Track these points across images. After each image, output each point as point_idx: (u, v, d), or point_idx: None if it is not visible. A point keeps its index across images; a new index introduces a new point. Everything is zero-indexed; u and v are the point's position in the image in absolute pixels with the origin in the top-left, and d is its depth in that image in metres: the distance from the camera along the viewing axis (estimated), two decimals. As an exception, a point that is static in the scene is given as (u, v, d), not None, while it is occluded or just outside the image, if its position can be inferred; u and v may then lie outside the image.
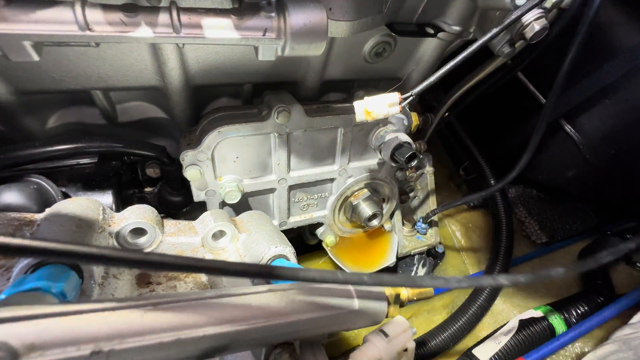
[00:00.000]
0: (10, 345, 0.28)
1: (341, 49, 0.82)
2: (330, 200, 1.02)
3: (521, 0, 0.65)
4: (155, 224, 0.62)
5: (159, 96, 0.81)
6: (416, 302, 1.18)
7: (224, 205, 0.88)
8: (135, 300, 0.36)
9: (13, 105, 0.71)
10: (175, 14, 0.52)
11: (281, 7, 0.57)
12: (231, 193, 0.82)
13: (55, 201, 0.69)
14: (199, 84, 0.79)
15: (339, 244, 1.13)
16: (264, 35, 0.57)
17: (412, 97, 0.65)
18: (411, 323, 0.99)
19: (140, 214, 0.62)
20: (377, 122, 0.91)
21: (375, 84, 0.99)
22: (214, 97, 0.89)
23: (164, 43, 0.66)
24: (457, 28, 0.80)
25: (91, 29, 0.49)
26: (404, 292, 0.59)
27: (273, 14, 0.56)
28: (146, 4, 0.52)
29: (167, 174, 0.83)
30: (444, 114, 1.11)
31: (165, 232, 0.64)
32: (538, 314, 1.04)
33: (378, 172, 1.02)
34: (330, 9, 0.61)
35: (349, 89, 0.98)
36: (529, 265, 1.33)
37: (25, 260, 0.44)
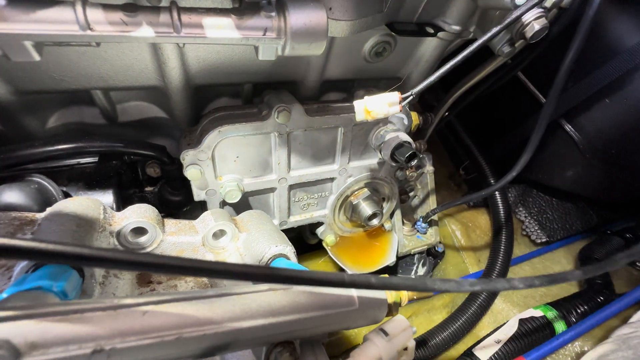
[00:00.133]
0: (12, 343, 0.28)
1: (341, 48, 0.82)
2: (331, 200, 1.02)
3: (521, 0, 0.65)
4: (156, 223, 0.62)
5: (159, 96, 0.81)
6: (416, 302, 1.19)
7: (224, 204, 0.88)
8: (137, 299, 0.36)
9: (13, 105, 0.71)
10: (175, 14, 0.52)
11: (281, 6, 0.57)
12: (231, 192, 0.82)
13: (55, 200, 0.69)
14: (199, 84, 0.79)
15: (339, 244, 1.13)
16: (264, 34, 0.57)
17: (412, 97, 0.65)
18: (411, 322, 1.00)
19: (141, 213, 0.62)
20: (377, 121, 0.91)
21: (375, 84, 0.99)
22: (214, 96, 0.89)
23: (165, 43, 0.66)
24: (457, 27, 0.80)
25: (92, 28, 0.49)
26: (404, 292, 0.59)
27: (273, 14, 0.56)
28: (146, 3, 0.52)
29: (168, 173, 0.83)
30: (444, 114, 1.11)
31: (165, 232, 0.64)
32: (538, 313, 1.04)
33: (378, 172, 1.02)
34: (330, 9, 0.61)
35: (349, 88, 0.98)
36: (528, 264, 1.33)
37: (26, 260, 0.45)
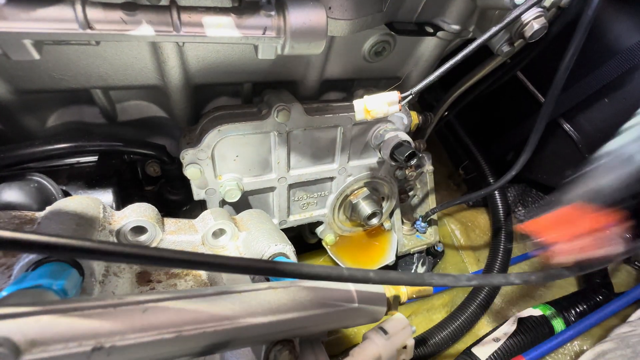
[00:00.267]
0: (12, 341, 0.28)
1: (341, 47, 0.82)
2: (330, 199, 1.02)
3: (520, -1, 0.65)
4: (156, 222, 0.62)
5: (159, 95, 0.81)
6: (415, 301, 1.19)
7: (224, 203, 0.88)
8: (137, 297, 0.37)
9: (13, 104, 0.71)
10: (175, 13, 0.52)
11: (281, 5, 0.57)
12: (231, 192, 0.82)
13: (55, 199, 0.69)
14: (198, 83, 0.79)
15: (339, 243, 1.13)
16: (264, 33, 0.57)
17: (411, 96, 0.65)
18: (410, 321, 1.00)
19: (141, 212, 0.62)
20: (377, 120, 0.91)
21: (375, 83, 0.99)
22: (213, 96, 0.89)
23: (164, 41, 0.66)
24: (456, 27, 0.80)
25: (91, 27, 0.49)
26: (403, 290, 0.59)
27: (273, 13, 0.57)
28: (146, 2, 0.52)
29: (167, 172, 0.83)
30: (444, 113, 1.11)
31: (165, 231, 0.64)
32: (537, 312, 1.04)
33: (377, 171, 1.02)
34: (329, 8, 0.61)
35: (349, 87, 0.98)
36: (528, 264, 1.34)
37: (27, 258, 0.45)
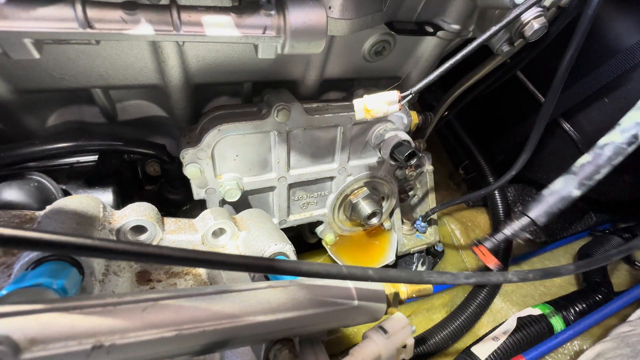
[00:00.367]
0: (12, 339, 0.28)
1: (341, 47, 0.82)
2: (330, 199, 1.02)
3: (520, -1, 0.65)
4: (156, 222, 0.62)
5: (159, 94, 0.81)
6: (415, 300, 1.19)
7: (223, 203, 0.88)
8: (136, 296, 0.37)
9: (13, 104, 0.71)
10: (175, 12, 0.52)
11: (281, 5, 0.57)
12: (231, 191, 0.82)
13: (55, 199, 0.69)
14: (199, 83, 0.79)
15: (339, 243, 1.13)
16: (264, 33, 0.57)
17: (411, 96, 0.65)
18: (410, 321, 0.99)
19: (141, 212, 0.62)
20: (377, 120, 0.91)
21: (375, 83, 0.99)
22: (213, 95, 0.89)
23: (164, 41, 0.66)
24: (456, 27, 0.80)
25: (92, 26, 0.49)
26: (403, 290, 0.59)
27: (273, 12, 0.57)
28: (146, 1, 0.52)
29: (167, 172, 0.83)
30: (444, 113, 1.11)
31: (165, 230, 0.65)
32: (536, 312, 1.04)
33: (377, 171, 1.02)
34: (329, 7, 0.61)
35: (349, 87, 0.98)
36: (528, 264, 1.34)
37: (27, 257, 0.45)
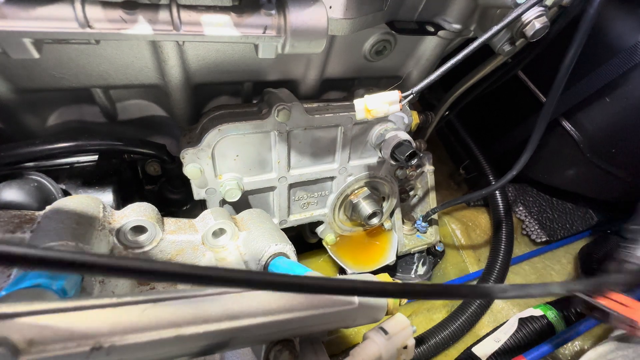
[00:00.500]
0: (10, 340, 0.28)
1: (341, 47, 0.82)
2: (330, 199, 1.02)
3: (521, -2, 0.65)
4: (156, 222, 0.62)
5: (159, 94, 0.81)
6: (416, 300, 1.19)
7: (224, 203, 0.88)
8: (136, 297, 0.36)
9: (13, 103, 0.71)
10: (175, 11, 0.52)
11: (281, 4, 0.57)
12: (231, 191, 0.82)
13: (55, 199, 0.69)
14: (199, 82, 0.79)
15: (339, 243, 1.13)
16: (264, 32, 0.57)
17: (412, 96, 0.65)
18: (411, 321, 0.99)
19: (141, 212, 0.62)
20: (378, 120, 0.91)
21: (376, 82, 0.99)
22: (214, 95, 0.89)
23: (164, 40, 0.66)
24: (457, 26, 0.80)
25: (91, 26, 0.49)
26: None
27: (273, 12, 0.56)
28: (146, 1, 0.52)
29: (168, 172, 0.83)
30: (444, 113, 1.11)
31: (165, 230, 0.64)
32: (538, 312, 1.04)
33: (378, 171, 1.02)
34: (330, 7, 0.61)
35: (349, 87, 0.98)
36: (528, 264, 1.33)
37: (26, 257, 0.45)
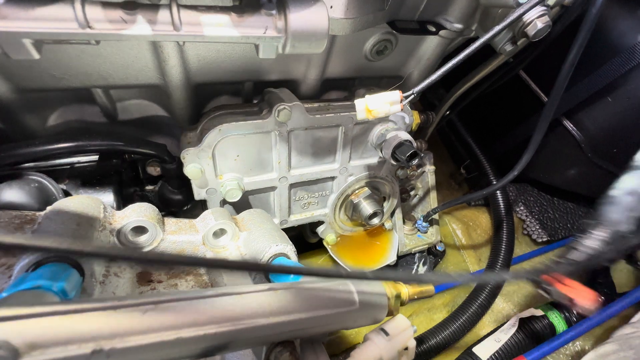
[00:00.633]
0: (11, 343, 0.28)
1: (342, 46, 0.82)
2: (331, 199, 1.01)
3: (523, -2, 0.64)
4: (156, 222, 0.62)
5: (160, 94, 0.80)
6: (417, 301, 1.19)
7: (224, 203, 0.88)
8: (136, 299, 0.36)
9: (13, 103, 0.71)
10: (175, 12, 0.52)
11: (282, 4, 0.56)
12: (232, 191, 0.82)
13: (56, 199, 0.69)
14: (199, 82, 0.79)
15: (340, 243, 1.13)
16: (265, 33, 0.57)
17: (413, 96, 0.65)
18: (412, 321, 0.99)
19: (141, 212, 0.61)
20: (378, 120, 0.90)
21: (377, 82, 0.99)
22: (214, 95, 0.88)
23: (164, 41, 0.66)
24: (459, 26, 0.80)
25: (91, 26, 0.49)
26: (405, 291, 0.59)
27: (274, 12, 0.56)
28: (146, 1, 0.52)
29: (168, 172, 0.83)
30: (445, 112, 1.11)
31: (166, 230, 0.64)
32: (538, 312, 1.04)
33: (379, 171, 1.02)
34: (331, 7, 0.61)
35: (350, 87, 0.98)
36: (529, 264, 1.33)
37: (27, 259, 0.44)
